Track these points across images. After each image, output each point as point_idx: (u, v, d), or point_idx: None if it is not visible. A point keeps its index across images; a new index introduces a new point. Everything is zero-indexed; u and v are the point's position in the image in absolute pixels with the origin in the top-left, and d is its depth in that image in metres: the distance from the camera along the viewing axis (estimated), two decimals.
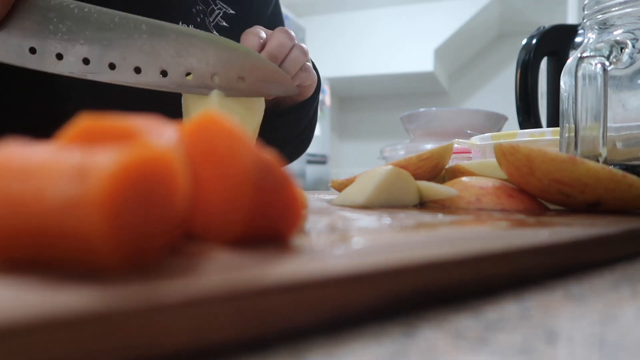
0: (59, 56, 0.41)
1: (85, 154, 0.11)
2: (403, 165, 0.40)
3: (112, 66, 0.42)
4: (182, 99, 0.48)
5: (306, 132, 0.71)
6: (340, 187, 0.45)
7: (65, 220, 0.10)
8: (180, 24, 0.59)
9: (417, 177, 0.40)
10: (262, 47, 0.51)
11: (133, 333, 0.09)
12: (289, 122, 0.64)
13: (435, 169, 0.43)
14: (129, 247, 0.11)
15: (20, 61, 0.41)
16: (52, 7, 0.41)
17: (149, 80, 0.43)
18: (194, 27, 0.61)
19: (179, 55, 0.43)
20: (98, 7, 0.42)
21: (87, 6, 0.42)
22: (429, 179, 0.42)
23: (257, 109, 0.49)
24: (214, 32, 0.64)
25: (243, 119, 0.47)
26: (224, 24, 0.66)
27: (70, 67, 0.42)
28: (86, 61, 0.42)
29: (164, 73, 0.43)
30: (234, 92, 0.46)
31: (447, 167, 0.44)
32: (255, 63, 0.45)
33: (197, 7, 0.62)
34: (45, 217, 0.10)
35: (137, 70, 0.43)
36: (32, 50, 0.41)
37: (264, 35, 0.52)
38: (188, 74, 0.44)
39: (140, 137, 0.13)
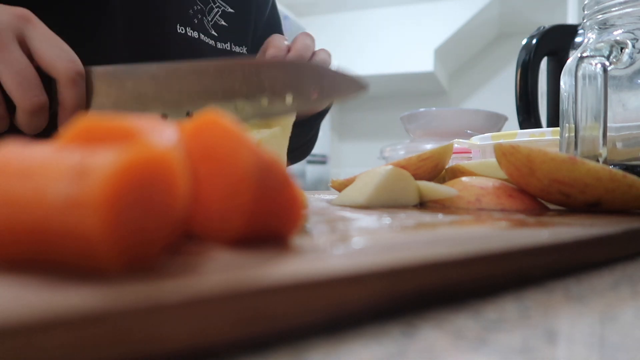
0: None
1: (85, 154, 0.11)
2: (403, 165, 0.41)
3: (189, 114, 0.43)
4: None
5: (313, 140, 0.72)
6: (340, 187, 0.45)
7: (65, 220, 0.10)
8: (178, 26, 0.59)
9: (417, 177, 0.40)
10: (288, 50, 0.52)
11: (133, 333, 0.09)
12: (301, 132, 0.65)
13: (436, 169, 0.43)
14: (128, 247, 0.11)
15: None
16: (115, 73, 0.42)
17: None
18: (191, 29, 0.61)
19: (250, 91, 0.43)
20: (163, 64, 0.43)
21: (153, 66, 0.42)
22: (429, 179, 0.42)
23: (289, 126, 0.50)
24: (212, 31, 0.64)
25: (278, 139, 0.48)
26: (223, 22, 0.65)
27: None
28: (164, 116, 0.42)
29: (241, 108, 0.43)
30: (310, 106, 0.45)
31: (447, 167, 0.44)
32: (318, 72, 0.44)
33: (195, 7, 0.62)
34: (45, 217, 0.10)
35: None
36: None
37: (286, 41, 0.53)
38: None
39: (140, 137, 0.13)
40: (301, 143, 0.68)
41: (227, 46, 0.66)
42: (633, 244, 0.24)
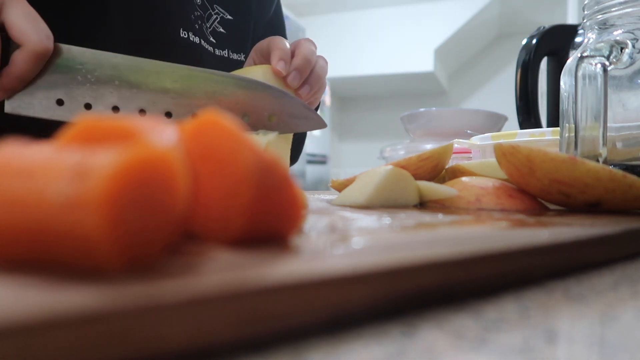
0: (88, 106, 0.41)
1: (85, 154, 0.11)
2: (403, 165, 0.41)
3: (142, 112, 0.43)
4: None
5: (303, 143, 0.73)
6: (340, 187, 0.45)
7: (65, 220, 0.10)
8: (181, 30, 0.59)
9: (417, 177, 0.40)
10: (292, 54, 0.53)
11: (133, 333, 0.09)
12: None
13: (436, 169, 0.43)
14: (128, 247, 0.11)
15: (48, 114, 0.41)
16: (80, 59, 0.41)
17: None
18: (192, 34, 0.61)
19: (209, 98, 0.44)
20: (128, 57, 0.42)
21: (117, 55, 0.42)
22: (429, 179, 0.42)
23: (289, 135, 0.51)
24: (211, 38, 0.64)
25: (282, 141, 0.50)
26: (221, 30, 0.65)
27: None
28: (115, 109, 0.42)
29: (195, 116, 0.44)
30: (265, 130, 0.48)
31: (447, 167, 0.44)
32: (285, 102, 0.47)
33: (196, 12, 0.62)
34: (45, 217, 0.10)
35: (168, 114, 0.43)
36: (60, 102, 0.41)
37: (288, 45, 0.54)
38: None
39: (140, 137, 0.13)
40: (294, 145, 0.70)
41: (225, 53, 0.66)
42: (633, 244, 0.24)
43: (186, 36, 0.60)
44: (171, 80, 0.43)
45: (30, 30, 0.39)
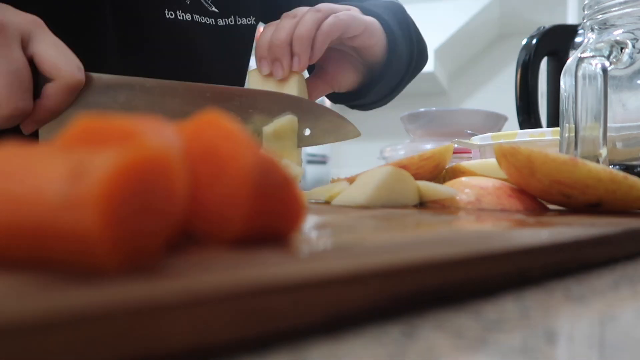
0: None
1: (83, 154, 0.11)
2: (405, 165, 0.41)
3: None
4: (247, 76, 0.49)
5: (411, 68, 0.65)
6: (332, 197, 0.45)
7: (63, 220, 0.10)
8: (166, 12, 0.55)
9: (418, 177, 0.40)
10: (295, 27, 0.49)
11: (133, 333, 0.09)
12: (383, 90, 0.62)
13: (437, 169, 0.43)
14: (127, 247, 0.11)
15: None
16: (112, 85, 0.41)
17: None
18: (181, 11, 0.56)
19: (244, 118, 0.44)
20: (162, 81, 0.42)
21: (149, 80, 0.42)
22: (430, 179, 0.42)
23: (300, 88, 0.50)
24: (213, 7, 0.59)
25: (300, 84, 0.48)
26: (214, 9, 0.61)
27: None
28: None
29: None
30: (301, 143, 0.48)
31: (447, 167, 0.44)
32: (319, 115, 0.46)
33: None
34: (43, 217, 0.10)
35: None
36: None
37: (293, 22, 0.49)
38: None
39: (139, 137, 0.13)
40: (396, 84, 0.64)
41: (231, 20, 0.61)
42: (633, 244, 0.24)
43: (173, 17, 0.56)
44: (204, 101, 0.43)
45: (62, 63, 0.39)
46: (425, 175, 0.42)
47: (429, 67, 3.07)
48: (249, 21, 0.63)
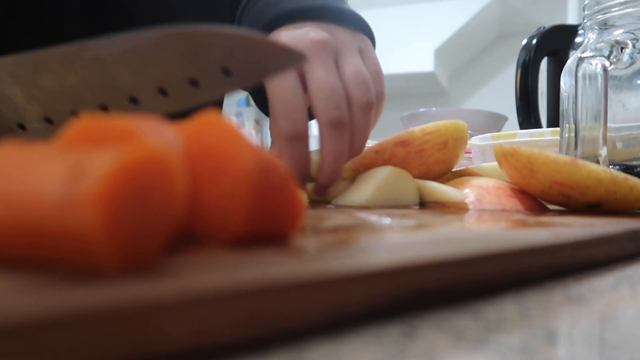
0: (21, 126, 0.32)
1: (82, 154, 0.11)
2: (405, 140, 0.38)
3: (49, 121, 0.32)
4: None
5: None
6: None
7: (63, 220, 0.10)
8: None
9: (425, 155, 0.38)
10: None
11: (132, 333, 0.09)
12: None
13: (446, 148, 0.38)
14: (126, 247, 0.10)
15: None
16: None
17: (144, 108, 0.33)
18: None
19: (136, 73, 0.31)
20: (30, 55, 0.31)
21: (16, 57, 0.31)
22: (441, 162, 0.39)
23: None
24: None
25: None
26: None
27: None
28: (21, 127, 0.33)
29: (135, 100, 0.32)
30: (220, 90, 0.33)
31: (454, 170, 0.43)
32: (239, 45, 0.31)
33: None
34: (42, 217, 0.10)
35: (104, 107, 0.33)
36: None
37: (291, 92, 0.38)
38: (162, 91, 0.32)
39: (138, 137, 0.13)
40: None
41: None
42: (633, 244, 0.24)
43: None
44: (79, 67, 0.31)
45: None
46: (435, 154, 0.38)
47: (429, 67, 3.07)
48: None
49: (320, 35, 0.38)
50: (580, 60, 0.38)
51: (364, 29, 0.44)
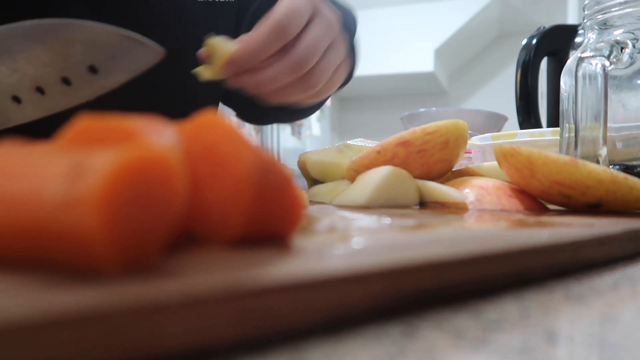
0: None
1: (83, 154, 0.11)
2: (406, 140, 0.38)
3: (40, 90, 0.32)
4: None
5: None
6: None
7: (63, 220, 0.10)
8: None
9: (427, 155, 0.38)
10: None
11: (132, 333, 0.09)
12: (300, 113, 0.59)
13: (447, 148, 0.38)
14: (126, 247, 0.10)
15: None
16: None
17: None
18: None
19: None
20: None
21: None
22: (442, 161, 0.39)
23: None
24: None
25: None
26: None
27: None
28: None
29: (41, 90, 0.31)
30: (90, 91, 0.32)
31: (454, 169, 0.43)
32: (98, 39, 0.31)
33: None
34: (42, 217, 0.10)
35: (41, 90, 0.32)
36: None
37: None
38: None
39: (138, 137, 0.13)
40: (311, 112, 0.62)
41: None
42: (633, 244, 0.24)
43: None
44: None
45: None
46: (436, 154, 0.38)
47: (429, 67, 3.07)
48: None
49: None
50: (580, 60, 0.38)
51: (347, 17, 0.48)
